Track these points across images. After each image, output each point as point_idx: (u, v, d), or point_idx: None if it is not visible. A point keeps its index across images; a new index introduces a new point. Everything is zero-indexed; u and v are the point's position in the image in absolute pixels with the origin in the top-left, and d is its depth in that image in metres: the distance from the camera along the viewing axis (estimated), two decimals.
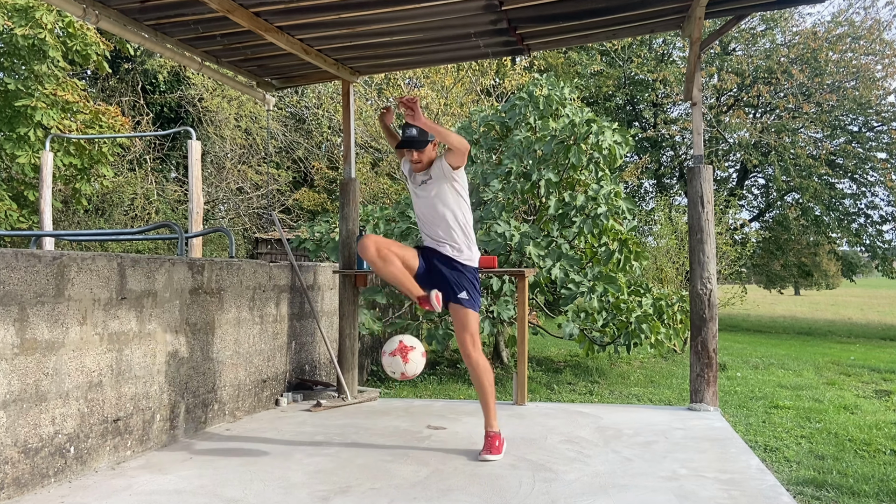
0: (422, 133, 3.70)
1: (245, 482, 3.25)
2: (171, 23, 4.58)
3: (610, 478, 3.31)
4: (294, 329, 5.42)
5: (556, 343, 10.56)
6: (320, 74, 5.73)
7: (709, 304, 4.77)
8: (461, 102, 11.15)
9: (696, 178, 4.81)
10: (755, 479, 3.29)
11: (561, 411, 4.92)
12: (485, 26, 4.76)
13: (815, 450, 4.67)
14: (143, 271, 3.78)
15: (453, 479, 3.29)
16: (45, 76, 9.82)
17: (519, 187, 6.75)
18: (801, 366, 9.14)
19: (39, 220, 8.60)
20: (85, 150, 10.17)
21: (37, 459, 3.11)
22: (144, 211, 13.51)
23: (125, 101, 14.09)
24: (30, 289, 3.08)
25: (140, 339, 3.75)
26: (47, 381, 3.17)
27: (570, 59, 17.58)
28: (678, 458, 3.65)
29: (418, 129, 3.69)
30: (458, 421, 4.58)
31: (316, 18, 4.52)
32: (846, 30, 16.58)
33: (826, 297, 38.77)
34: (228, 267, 4.58)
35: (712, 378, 4.78)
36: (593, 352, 7.01)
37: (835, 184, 17.56)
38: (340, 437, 4.13)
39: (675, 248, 11.18)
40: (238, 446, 3.92)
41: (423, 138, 3.71)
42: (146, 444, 3.81)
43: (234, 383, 4.62)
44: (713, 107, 17.59)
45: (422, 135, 3.71)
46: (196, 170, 7.77)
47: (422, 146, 3.72)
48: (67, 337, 3.28)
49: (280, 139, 14.69)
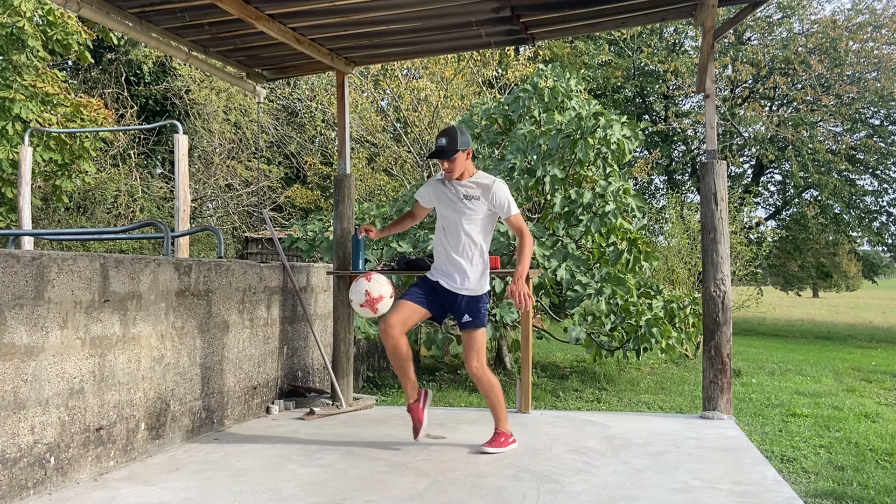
0: (451, 143, 3.96)
1: (234, 494, 3.25)
2: (156, 11, 4.58)
3: (618, 490, 3.31)
4: (286, 333, 5.42)
5: (562, 348, 10.56)
6: (314, 65, 5.73)
7: (722, 307, 4.77)
8: (462, 94, 11.16)
9: (709, 174, 4.81)
10: (771, 492, 3.29)
11: (567, 419, 4.92)
12: (487, 14, 4.76)
13: (835, 460, 4.67)
14: (127, 272, 3.78)
15: (453, 492, 3.29)
16: (24, 67, 9.82)
17: (523, 184, 6.75)
18: (819, 372, 9.15)
19: (18, 218, 8.60)
20: (66, 144, 10.17)
21: (15, 470, 3.11)
22: (128, 209, 13.51)
23: (108, 94, 14.09)
24: (7, 291, 3.08)
25: (124, 344, 3.75)
26: (26, 388, 3.17)
27: (577, 49, 17.59)
28: (690, 468, 3.65)
29: (448, 138, 3.97)
30: (459, 430, 4.58)
31: (309, 6, 4.52)
32: (867, 18, 16.60)
33: (846, 300, 38.79)
34: (217, 268, 4.58)
35: (726, 385, 4.78)
36: (601, 357, 7.01)
37: (855, 180, 17.58)
38: (335, 447, 4.13)
39: (688, 248, 11.19)
40: (227, 456, 3.92)
41: (453, 147, 3.96)
42: (130, 455, 3.81)
43: (223, 390, 4.62)
44: (727, 99, 17.61)
45: (451, 144, 3.96)
46: (183, 165, 7.77)
47: (451, 155, 3.96)
48: (47, 341, 3.28)
49: (271, 133, 14.70)
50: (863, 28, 16.33)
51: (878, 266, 22.33)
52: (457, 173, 4.02)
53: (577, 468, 3.66)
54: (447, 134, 4.00)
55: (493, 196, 3.99)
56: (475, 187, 4.03)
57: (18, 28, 9.37)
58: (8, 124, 9.56)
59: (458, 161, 3.98)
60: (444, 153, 3.97)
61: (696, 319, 7.12)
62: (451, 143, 3.96)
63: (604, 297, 6.39)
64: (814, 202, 18.08)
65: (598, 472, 3.60)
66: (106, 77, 14.44)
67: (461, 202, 4.03)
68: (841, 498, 3.87)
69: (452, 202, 4.05)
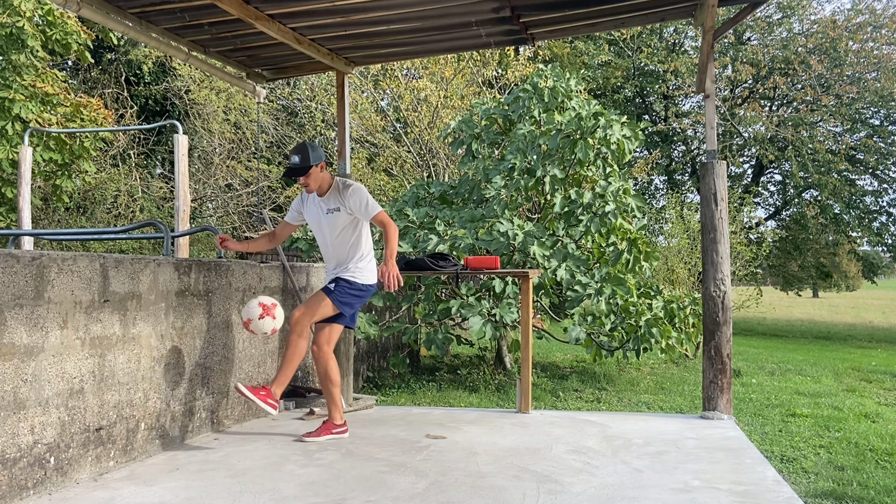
0: (304, 160, 4.18)
1: (234, 494, 3.25)
2: (156, 11, 4.58)
3: (618, 490, 3.31)
4: (286, 334, 5.42)
5: (562, 348, 10.56)
6: (313, 65, 5.74)
7: (722, 307, 4.77)
8: (462, 94, 11.15)
9: (709, 174, 4.81)
10: (771, 492, 3.29)
11: (567, 419, 4.92)
12: (486, 14, 4.76)
13: (835, 460, 4.68)
14: (126, 272, 3.78)
15: (453, 491, 3.29)
16: (24, 67, 9.81)
17: (523, 184, 6.75)
18: (819, 372, 9.15)
19: (18, 218, 8.60)
20: (66, 144, 10.17)
21: (15, 470, 3.11)
22: (128, 209, 13.50)
23: (108, 94, 14.08)
24: (7, 291, 3.08)
25: (124, 344, 3.75)
26: (26, 388, 3.17)
27: (577, 49, 17.58)
28: (690, 468, 3.65)
29: (300, 156, 4.18)
30: (459, 430, 4.58)
31: (309, 6, 4.52)
32: (867, 18, 16.60)
33: (846, 300, 38.80)
34: (217, 268, 4.58)
35: (726, 385, 4.78)
36: (601, 357, 7.01)
37: (855, 180, 17.58)
38: (335, 447, 4.13)
39: (687, 248, 11.19)
40: (227, 456, 3.92)
41: (306, 164, 4.18)
42: (130, 455, 3.81)
43: (223, 390, 4.62)
44: (727, 99, 17.61)
45: (304, 161, 4.18)
46: (183, 165, 7.76)
47: (305, 172, 4.19)
48: (47, 341, 3.28)
49: (271, 133, 14.69)
50: (863, 28, 16.33)
51: (877, 266, 22.33)
52: (314, 187, 4.24)
53: (577, 468, 3.66)
54: (299, 151, 4.20)
55: (348, 203, 4.21)
56: (334, 199, 4.26)
57: (18, 28, 9.36)
58: (8, 124, 9.56)
59: (312, 176, 4.20)
60: (297, 171, 4.18)
61: (696, 319, 7.12)
62: (304, 159, 4.17)
63: (604, 297, 6.39)
64: (814, 202, 18.08)
65: (598, 472, 3.60)
66: (106, 77, 14.43)
67: (325, 216, 4.29)
68: (841, 498, 3.87)
69: (319, 218, 4.32)
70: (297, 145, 4.26)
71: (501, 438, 4.33)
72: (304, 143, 4.25)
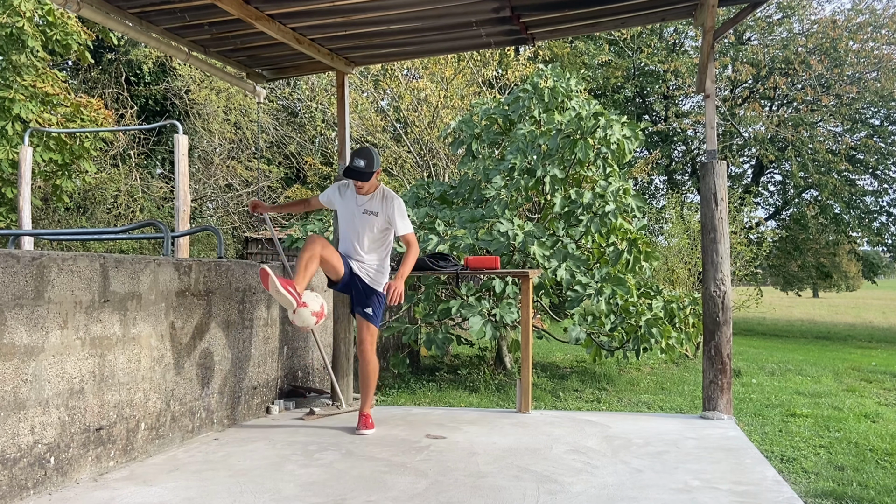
0: (369, 165, 4.34)
1: (234, 494, 3.26)
2: (156, 11, 4.58)
3: (618, 490, 3.31)
4: (286, 333, 5.42)
5: (562, 348, 10.56)
6: (314, 65, 5.74)
7: (722, 307, 4.77)
8: (462, 94, 11.15)
9: (709, 174, 4.81)
10: (771, 492, 3.29)
11: (567, 420, 4.92)
12: (487, 14, 4.76)
13: (835, 460, 4.68)
14: (127, 272, 3.78)
15: (454, 491, 3.29)
16: (24, 67, 9.82)
17: (523, 184, 6.75)
18: (819, 372, 9.15)
19: (18, 218, 8.60)
20: (66, 144, 10.17)
21: (15, 470, 3.11)
22: (128, 209, 13.50)
23: (108, 94, 14.09)
24: (7, 291, 3.08)
25: (124, 344, 3.75)
26: (26, 388, 3.17)
27: (577, 49, 17.59)
28: (690, 468, 3.65)
29: (366, 161, 4.33)
30: (459, 430, 4.58)
31: (309, 6, 4.52)
32: (867, 18, 16.60)
33: (846, 300, 38.80)
34: (217, 268, 4.58)
35: (726, 385, 4.78)
36: (601, 357, 7.01)
37: (855, 180, 17.57)
38: (335, 447, 4.13)
39: (688, 248, 11.18)
40: (227, 456, 3.92)
41: (370, 169, 4.35)
42: (130, 455, 3.81)
43: (223, 390, 4.62)
44: (727, 99, 17.61)
45: (368, 167, 4.34)
46: (183, 165, 7.76)
47: (369, 177, 4.37)
48: (47, 341, 3.28)
49: (271, 133, 14.69)
50: (863, 28, 16.34)
51: (877, 266, 22.32)
52: (367, 190, 4.47)
53: (577, 468, 3.66)
54: (365, 156, 4.36)
55: (388, 213, 4.45)
56: (375, 204, 4.47)
57: (18, 28, 9.36)
58: (8, 124, 9.56)
59: (371, 181, 4.42)
60: (361, 174, 4.35)
61: (696, 319, 7.12)
62: (369, 165, 4.36)
63: (604, 297, 6.39)
64: (814, 202, 18.08)
65: (598, 472, 3.60)
66: (106, 77, 14.44)
67: (360, 215, 4.47)
68: (841, 498, 3.87)
69: (353, 214, 4.50)
70: (363, 149, 4.41)
71: (501, 438, 4.33)
72: (369, 149, 4.42)
